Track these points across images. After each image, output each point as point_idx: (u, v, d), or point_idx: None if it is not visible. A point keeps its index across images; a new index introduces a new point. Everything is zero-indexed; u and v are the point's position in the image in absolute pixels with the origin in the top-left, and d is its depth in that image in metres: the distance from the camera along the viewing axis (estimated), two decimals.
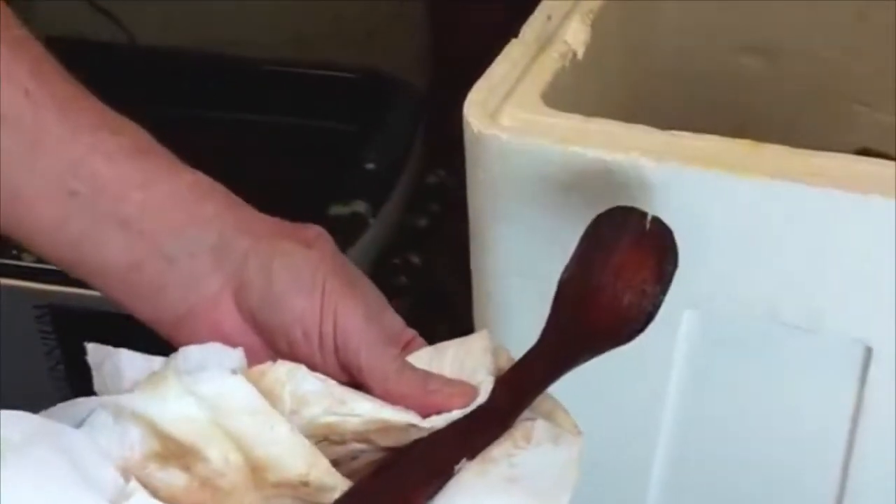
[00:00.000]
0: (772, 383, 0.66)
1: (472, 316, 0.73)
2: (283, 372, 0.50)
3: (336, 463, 0.50)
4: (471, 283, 0.73)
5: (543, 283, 0.53)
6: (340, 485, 0.49)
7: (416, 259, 1.12)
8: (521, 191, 0.64)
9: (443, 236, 1.19)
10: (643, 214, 0.52)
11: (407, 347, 0.53)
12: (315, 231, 0.54)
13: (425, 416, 0.50)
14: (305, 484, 0.49)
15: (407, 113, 1.23)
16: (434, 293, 1.18)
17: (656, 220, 0.52)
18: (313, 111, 1.24)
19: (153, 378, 0.49)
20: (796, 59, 0.99)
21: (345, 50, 1.50)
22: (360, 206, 1.07)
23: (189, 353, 0.50)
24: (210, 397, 0.48)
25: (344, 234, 1.05)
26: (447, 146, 0.76)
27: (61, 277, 1.04)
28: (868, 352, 0.63)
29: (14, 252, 1.02)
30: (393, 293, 1.09)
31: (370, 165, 1.12)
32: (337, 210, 1.07)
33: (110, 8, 1.50)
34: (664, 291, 0.51)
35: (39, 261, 1.01)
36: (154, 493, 0.47)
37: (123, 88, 1.23)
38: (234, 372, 0.50)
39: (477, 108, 0.65)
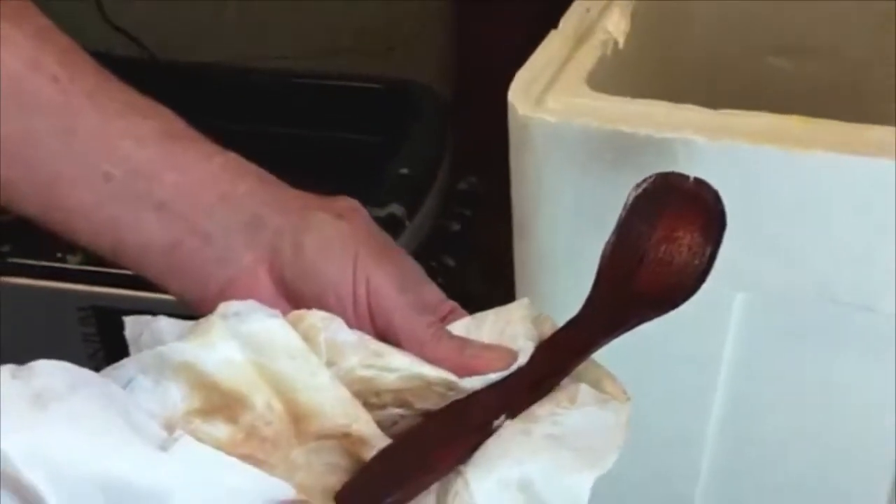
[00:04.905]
0: (826, 363, 0.66)
1: None
2: (318, 318, 0.50)
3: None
4: (500, 287, 0.72)
5: (590, 266, 0.52)
6: (380, 439, 0.49)
7: (450, 261, 1.13)
8: (568, 174, 0.64)
9: (474, 240, 1.19)
10: (685, 177, 0.51)
11: (447, 318, 0.53)
12: (348, 203, 0.54)
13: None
14: (347, 435, 0.48)
15: (436, 120, 1.24)
16: (467, 295, 1.18)
17: (699, 181, 0.51)
18: (342, 122, 1.25)
19: (200, 324, 0.48)
20: (823, 59, 0.99)
21: (369, 63, 1.50)
22: (396, 209, 1.08)
23: (230, 306, 0.50)
24: (254, 337, 0.48)
25: None
26: (475, 154, 0.75)
27: (105, 279, 1.04)
28: None
29: (58, 255, 1.02)
30: None
31: (404, 170, 1.14)
32: (373, 212, 1.07)
33: (132, 26, 1.51)
34: (715, 251, 0.49)
35: (83, 262, 1.01)
36: None
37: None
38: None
39: (521, 94, 0.65)
